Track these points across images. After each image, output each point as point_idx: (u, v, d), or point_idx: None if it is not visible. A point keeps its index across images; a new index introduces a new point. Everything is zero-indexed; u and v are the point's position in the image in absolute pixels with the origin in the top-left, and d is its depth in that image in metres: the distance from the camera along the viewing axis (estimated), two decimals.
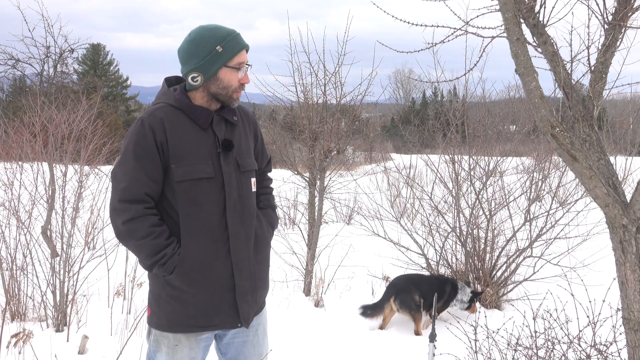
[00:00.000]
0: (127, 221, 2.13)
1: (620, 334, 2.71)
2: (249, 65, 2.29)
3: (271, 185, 2.64)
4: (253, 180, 2.38)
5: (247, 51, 2.28)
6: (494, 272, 5.92)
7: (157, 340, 2.30)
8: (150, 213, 2.16)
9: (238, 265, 2.26)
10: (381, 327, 5.22)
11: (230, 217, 2.24)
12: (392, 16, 2.80)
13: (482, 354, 3.14)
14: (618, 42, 2.40)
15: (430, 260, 6.26)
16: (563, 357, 2.91)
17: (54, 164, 6.09)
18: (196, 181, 2.18)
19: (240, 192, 2.29)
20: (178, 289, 2.21)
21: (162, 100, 2.26)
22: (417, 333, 5.06)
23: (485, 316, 3.44)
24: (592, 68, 2.45)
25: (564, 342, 2.94)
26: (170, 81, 2.35)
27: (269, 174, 2.68)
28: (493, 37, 2.57)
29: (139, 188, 2.14)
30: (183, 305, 2.22)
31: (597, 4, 2.41)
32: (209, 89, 2.24)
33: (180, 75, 2.34)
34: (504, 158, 6.78)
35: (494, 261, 5.97)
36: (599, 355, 2.83)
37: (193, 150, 2.19)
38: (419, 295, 5.05)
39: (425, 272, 6.15)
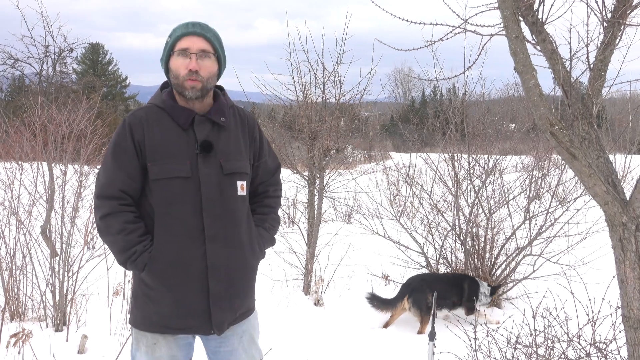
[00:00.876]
0: (103, 217, 2.18)
1: (620, 331, 2.71)
2: (215, 54, 2.25)
3: (272, 205, 2.51)
4: (241, 183, 2.30)
5: (206, 39, 2.22)
6: (494, 270, 5.92)
7: (136, 339, 2.30)
8: (125, 210, 2.18)
9: (214, 269, 2.21)
10: (386, 325, 5.20)
11: (207, 219, 2.20)
12: (391, 14, 2.80)
13: (481, 352, 3.14)
14: (617, 40, 2.40)
15: (429, 259, 6.26)
16: (563, 355, 2.91)
17: (53, 164, 6.08)
18: (170, 180, 2.17)
19: (222, 194, 2.24)
20: (151, 287, 2.20)
21: (152, 101, 2.31)
22: (420, 333, 5.06)
23: (485, 314, 3.45)
24: (591, 66, 2.44)
25: (563, 340, 2.94)
26: (167, 85, 2.37)
27: (277, 191, 2.54)
28: (492, 35, 2.57)
29: (114, 185, 2.18)
30: (156, 304, 2.21)
31: (596, 2, 2.41)
32: (171, 82, 2.27)
33: None
34: (504, 156, 6.77)
35: (493, 259, 5.97)
36: (598, 353, 2.83)
37: (170, 150, 2.19)
38: (431, 296, 5.02)
39: (425, 270, 6.15)
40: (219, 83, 2.37)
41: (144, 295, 2.22)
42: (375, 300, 5.16)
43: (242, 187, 2.31)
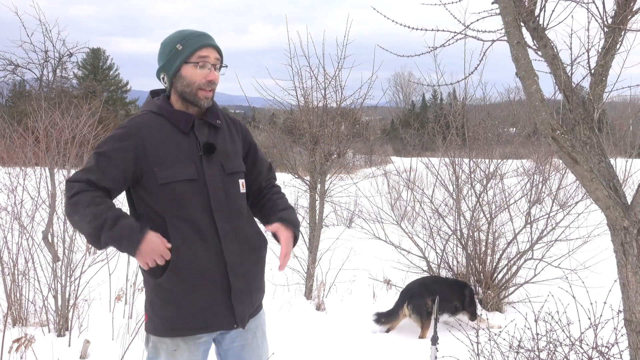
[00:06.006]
0: (72, 196, 2.09)
1: (622, 335, 2.72)
2: (222, 65, 2.30)
3: (279, 188, 2.61)
4: (241, 181, 2.37)
5: (218, 52, 2.28)
6: (495, 274, 5.93)
7: (155, 347, 2.29)
8: (92, 190, 2.10)
9: (232, 265, 2.26)
10: (388, 330, 5.20)
11: (218, 218, 2.24)
12: (393, 21, 2.82)
13: (484, 356, 3.14)
14: (618, 45, 2.41)
15: (431, 263, 6.26)
16: (565, 359, 2.91)
17: (56, 169, 6.09)
18: (179, 183, 2.19)
19: (227, 193, 2.29)
20: (171, 292, 2.21)
21: (145, 108, 2.32)
22: (422, 337, 5.05)
23: (487, 318, 3.45)
24: (592, 71, 2.46)
25: (565, 345, 2.94)
26: (156, 93, 2.39)
27: (276, 181, 2.64)
28: (493, 41, 2.59)
29: (83, 174, 2.13)
30: (178, 308, 2.22)
31: (597, 7, 2.43)
32: (177, 88, 2.27)
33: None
34: (504, 161, 6.79)
35: (495, 264, 5.97)
36: (600, 357, 2.83)
37: (175, 154, 2.21)
38: (431, 301, 5.02)
39: (427, 274, 6.15)
40: None
41: (163, 301, 2.23)
42: (382, 318, 5.15)
43: (242, 185, 2.39)
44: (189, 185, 2.21)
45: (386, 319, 5.15)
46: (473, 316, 5.26)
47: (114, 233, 2.05)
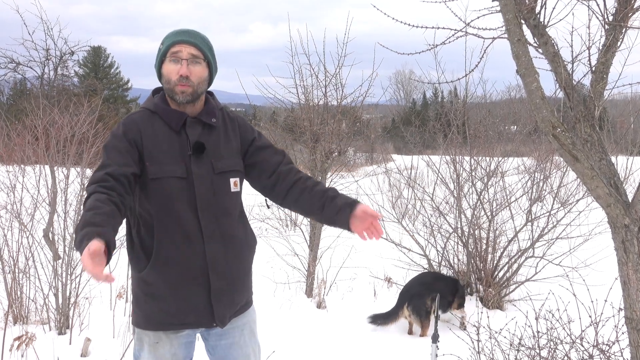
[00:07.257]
0: (85, 200, 2.09)
1: (623, 333, 2.72)
2: (206, 60, 2.29)
3: (306, 175, 2.47)
4: (234, 180, 2.35)
5: (198, 48, 2.26)
6: (496, 272, 5.92)
7: (140, 339, 2.33)
8: (101, 190, 2.03)
9: (213, 265, 2.26)
10: (409, 332, 5.22)
11: (203, 217, 2.25)
12: (393, 18, 2.81)
13: (484, 354, 3.14)
14: (618, 43, 2.41)
15: (432, 261, 6.26)
16: (566, 357, 2.91)
17: (55, 167, 6.09)
18: (168, 180, 2.21)
19: (215, 193, 2.29)
20: (153, 286, 2.23)
21: (143, 106, 2.36)
22: (422, 336, 5.05)
23: (488, 317, 3.45)
24: (593, 68, 2.45)
25: (566, 342, 2.94)
26: (158, 91, 2.41)
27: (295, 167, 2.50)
28: (494, 38, 2.58)
29: (99, 172, 2.12)
30: (158, 302, 2.25)
31: (598, 5, 2.42)
32: (163, 87, 2.31)
33: None
34: (505, 158, 6.78)
35: (495, 262, 5.97)
36: (601, 355, 2.83)
37: (166, 151, 2.23)
38: (430, 300, 5.02)
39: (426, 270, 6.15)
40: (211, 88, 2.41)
41: (145, 295, 2.26)
42: (379, 319, 5.12)
43: (235, 184, 2.36)
44: (178, 182, 2.22)
45: (383, 320, 5.12)
46: (460, 305, 5.33)
47: (75, 243, 1.99)
